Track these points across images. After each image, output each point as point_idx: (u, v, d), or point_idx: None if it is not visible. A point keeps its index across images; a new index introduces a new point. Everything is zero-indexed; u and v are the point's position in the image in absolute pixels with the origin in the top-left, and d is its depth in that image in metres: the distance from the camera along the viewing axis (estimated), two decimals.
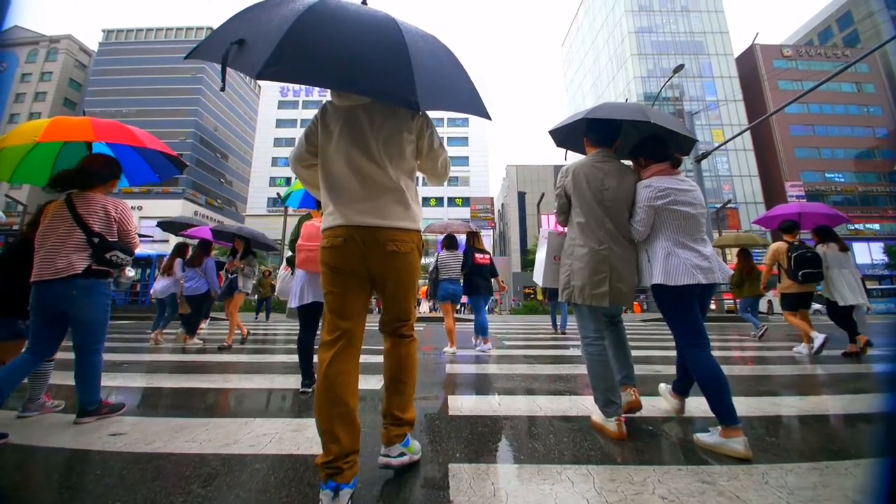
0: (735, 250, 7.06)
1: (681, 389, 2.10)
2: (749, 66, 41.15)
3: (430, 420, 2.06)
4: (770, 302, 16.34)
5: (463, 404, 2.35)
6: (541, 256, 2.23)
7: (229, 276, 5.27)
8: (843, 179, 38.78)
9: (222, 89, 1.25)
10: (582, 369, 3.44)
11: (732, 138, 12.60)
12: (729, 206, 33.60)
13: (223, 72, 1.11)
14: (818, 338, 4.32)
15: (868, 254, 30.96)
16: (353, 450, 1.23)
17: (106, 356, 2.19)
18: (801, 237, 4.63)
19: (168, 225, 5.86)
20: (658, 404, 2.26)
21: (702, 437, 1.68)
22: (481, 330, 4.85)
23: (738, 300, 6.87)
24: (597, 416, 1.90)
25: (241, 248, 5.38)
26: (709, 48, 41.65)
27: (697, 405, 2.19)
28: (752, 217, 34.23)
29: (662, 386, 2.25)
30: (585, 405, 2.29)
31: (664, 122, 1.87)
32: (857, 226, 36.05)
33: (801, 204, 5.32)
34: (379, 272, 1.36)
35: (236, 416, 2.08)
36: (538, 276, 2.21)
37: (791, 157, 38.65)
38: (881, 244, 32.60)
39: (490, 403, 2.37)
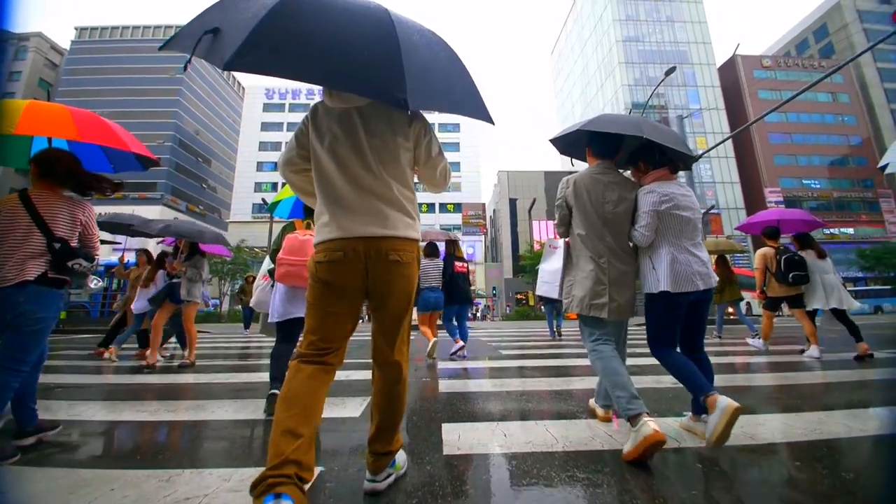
0: (714, 256, 7.05)
1: (697, 409, 1.88)
2: (731, 76, 42.30)
3: (420, 463, 1.60)
4: (749, 303, 17.27)
5: (460, 437, 1.90)
6: (553, 266, 2.07)
7: (171, 280, 4.49)
8: (818, 186, 40.12)
9: (184, 69, 1.17)
10: (590, 382, 3.06)
11: (715, 146, 12.66)
12: (712, 211, 34.25)
13: (189, 57, 1.04)
14: (756, 342, 5.13)
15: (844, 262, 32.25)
16: (307, 463, 1.03)
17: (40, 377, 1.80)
18: (782, 242, 4.75)
19: (107, 224, 4.96)
20: (672, 424, 2.01)
21: (705, 432, 1.58)
22: (453, 333, 4.87)
23: (718, 305, 7.14)
24: (629, 445, 1.58)
25: (184, 246, 4.57)
26: (692, 58, 42.59)
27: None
28: (734, 222, 34.97)
29: (683, 422, 2.00)
30: (606, 432, 1.94)
31: (661, 137, 1.82)
32: (831, 230, 37.22)
33: (780, 210, 5.43)
34: (380, 285, 1.25)
35: (160, 467, 1.56)
36: (552, 290, 2.05)
37: (770, 165, 39.77)
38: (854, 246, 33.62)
39: (494, 434, 1.94)
